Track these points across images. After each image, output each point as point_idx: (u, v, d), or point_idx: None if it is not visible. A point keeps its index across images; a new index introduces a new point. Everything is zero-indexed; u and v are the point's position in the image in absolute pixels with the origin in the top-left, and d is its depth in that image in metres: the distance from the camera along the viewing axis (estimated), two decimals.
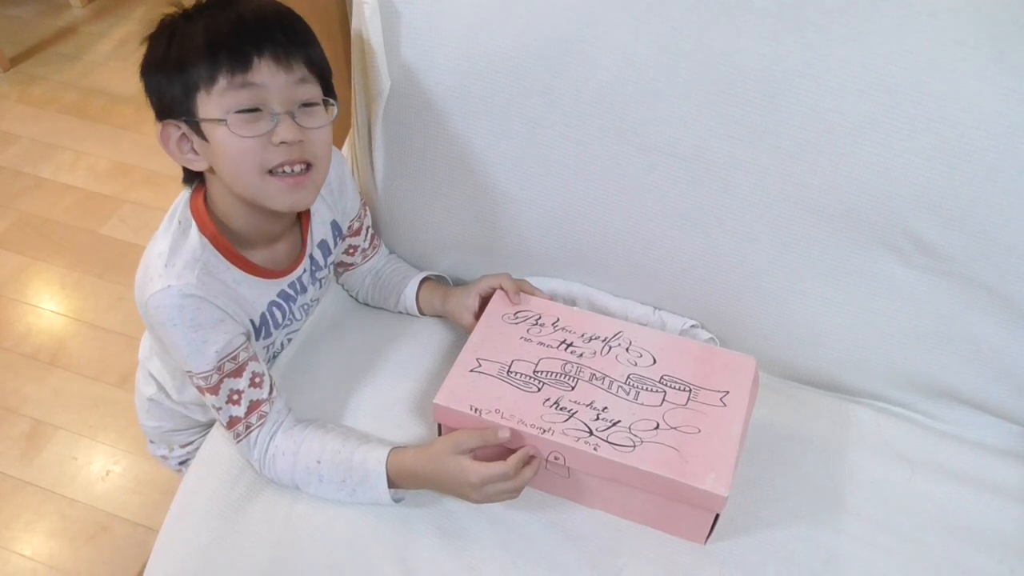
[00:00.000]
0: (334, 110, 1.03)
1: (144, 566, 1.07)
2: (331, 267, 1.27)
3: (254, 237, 1.09)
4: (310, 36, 1.01)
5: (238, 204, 1.04)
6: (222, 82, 0.93)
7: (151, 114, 1.00)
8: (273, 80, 0.95)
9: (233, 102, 0.94)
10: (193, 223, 1.03)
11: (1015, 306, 1.10)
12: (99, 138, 2.70)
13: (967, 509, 1.11)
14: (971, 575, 1.04)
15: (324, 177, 1.06)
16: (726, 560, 1.04)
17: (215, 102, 0.94)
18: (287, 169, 0.99)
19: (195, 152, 1.00)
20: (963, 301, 1.12)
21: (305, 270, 1.18)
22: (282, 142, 0.96)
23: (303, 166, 1.00)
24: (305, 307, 1.23)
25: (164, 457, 1.37)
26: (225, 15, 0.96)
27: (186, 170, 1.06)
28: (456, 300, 1.27)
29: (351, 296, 1.38)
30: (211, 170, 1.01)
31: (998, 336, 1.13)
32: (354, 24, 1.18)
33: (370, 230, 1.32)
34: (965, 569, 1.05)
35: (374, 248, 1.34)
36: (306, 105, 0.99)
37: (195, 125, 0.97)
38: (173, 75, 0.95)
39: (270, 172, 0.98)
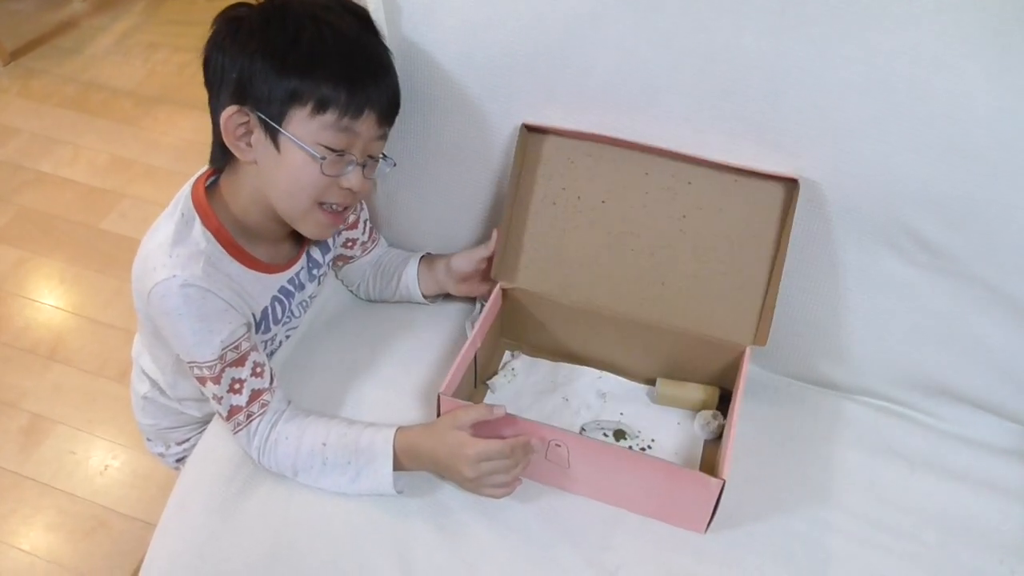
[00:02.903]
0: (384, 167, 1.10)
1: (142, 561, 1.07)
2: (329, 263, 1.27)
3: (262, 234, 1.10)
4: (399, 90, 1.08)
5: (261, 204, 1.05)
6: (329, 117, 0.96)
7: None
8: (367, 133, 1.01)
9: (328, 139, 0.98)
10: (197, 217, 1.03)
11: (1016, 305, 1.10)
12: (99, 132, 2.70)
13: (967, 508, 1.10)
14: (970, 575, 1.04)
15: None
16: (724, 558, 1.03)
17: (311, 129, 0.97)
18: (335, 206, 1.05)
19: (250, 145, 1.00)
20: (964, 300, 1.12)
21: (303, 267, 1.18)
22: (348, 188, 1.02)
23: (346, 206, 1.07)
24: (303, 304, 1.23)
25: (161, 455, 1.37)
26: (359, 46, 1.01)
27: (217, 150, 1.05)
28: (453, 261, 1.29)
29: (351, 291, 1.37)
30: (254, 162, 1.02)
31: (999, 335, 1.13)
32: None
33: (367, 223, 1.32)
34: (965, 569, 1.04)
35: (374, 241, 1.34)
36: (374, 158, 1.05)
37: (271, 128, 0.97)
38: (285, 76, 0.96)
39: (318, 203, 1.03)
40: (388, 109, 1.04)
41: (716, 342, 1.15)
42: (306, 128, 0.97)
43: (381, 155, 1.08)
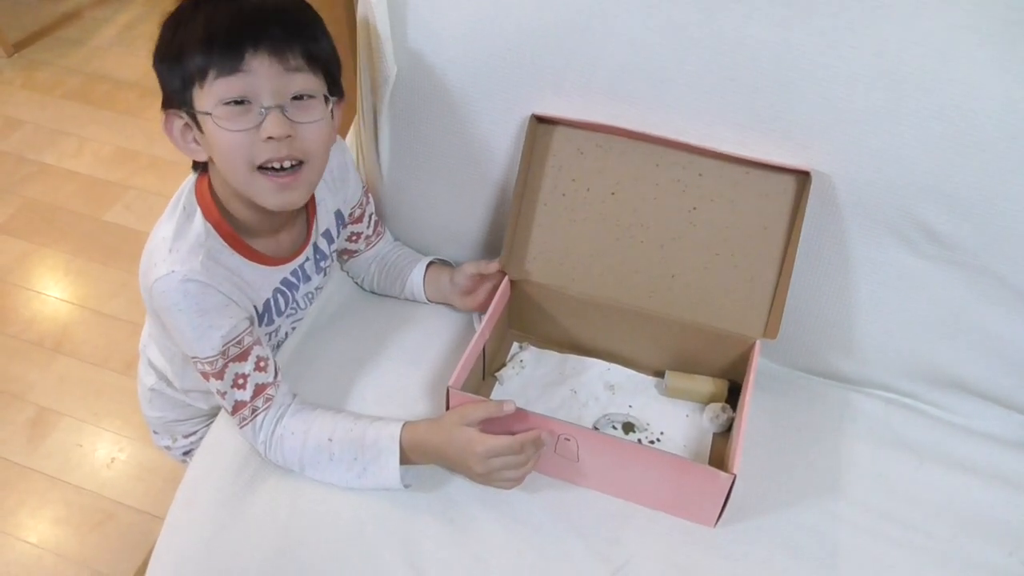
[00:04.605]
0: (330, 104, 1.01)
1: (149, 554, 1.07)
2: (334, 255, 1.26)
3: (257, 227, 1.09)
4: (315, 28, 0.99)
5: (237, 196, 1.04)
6: (212, 74, 0.93)
7: (155, 100, 1.00)
8: (264, 70, 0.93)
9: (221, 91, 0.93)
10: (198, 209, 1.03)
11: None
12: (103, 124, 2.70)
13: (976, 501, 1.10)
14: (980, 567, 1.04)
15: (318, 176, 1.04)
16: (733, 551, 1.03)
17: (207, 94, 0.94)
18: (275, 166, 0.97)
19: (197, 142, 1.00)
20: (973, 291, 1.11)
21: (308, 258, 1.18)
22: (269, 137, 0.94)
23: (293, 163, 0.98)
24: (309, 296, 1.23)
25: (168, 448, 1.36)
26: (226, 7, 0.94)
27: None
28: (456, 275, 1.28)
29: (356, 284, 1.37)
30: (209, 158, 1.01)
31: (1008, 326, 1.13)
32: (360, 10, 1.17)
33: (373, 217, 1.31)
34: (973, 561, 1.04)
35: (378, 235, 1.33)
36: (299, 98, 0.97)
37: (194, 117, 0.97)
38: (174, 66, 0.95)
39: (259, 169, 0.97)
40: (279, 39, 0.94)
41: (726, 335, 1.15)
42: (206, 99, 0.94)
43: (324, 95, 1.00)
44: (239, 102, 0.93)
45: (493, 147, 1.22)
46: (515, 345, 1.28)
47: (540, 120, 1.16)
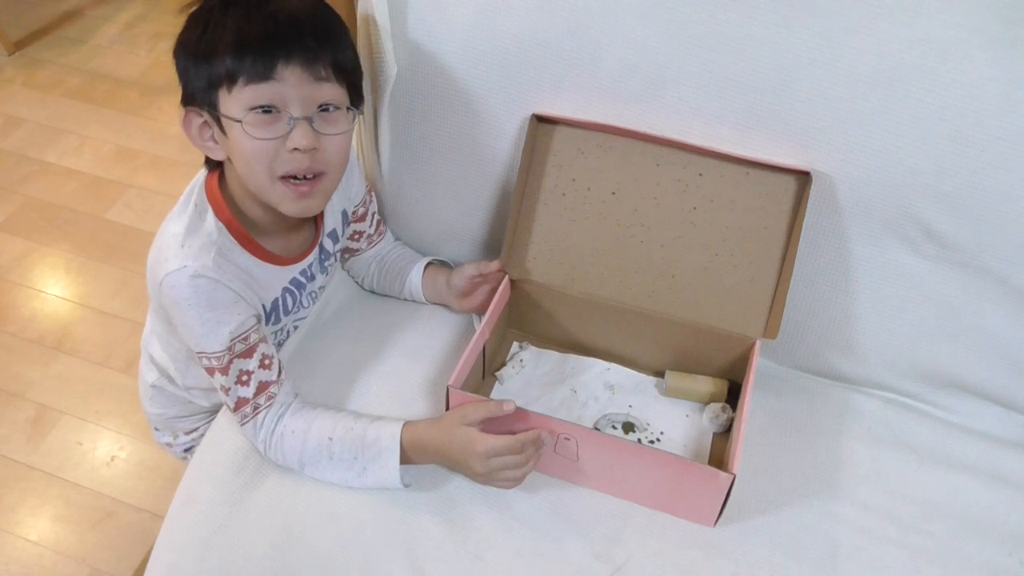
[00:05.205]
0: (354, 116, 1.03)
1: (149, 552, 1.07)
2: (337, 254, 1.26)
3: (270, 227, 1.09)
4: (342, 37, 1.00)
5: (253, 196, 1.04)
6: (241, 81, 0.93)
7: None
8: (295, 79, 0.94)
9: (251, 98, 0.94)
10: (209, 207, 1.04)
11: None
12: (104, 122, 2.69)
13: (976, 501, 1.10)
14: (980, 568, 1.04)
15: (335, 185, 1.05)
16: (732, 551, 1.03)
17: (235, 99, 0.94)
18: (297, 177, 0.99)
19: (215, 141, 1.00)
20: (973, 291, 1.11)
21: (315, 258, 1.18)
22: (295, 148, 0.96)
23: (313, 173, 1.00)
24: (313, 295, 1.23)
25: (169, 445, 1.37)
26: (259, 12, 0.95)
27: (206, 156, 1.06)
28: (454, 277, 1.27)
29: (357, 283, 1.37)
30: (229, 160, 1.01)
31: (1008, 327, 1.13)
32: (361, 9, 1.17)
33: (375, 216, 1.31)
34: (973, 561, 1.04)
35: (380, 234, 1.33)
36: (325, 109, 0.98)
37: (216, 117, 0.97)
38: (200, 65, 0.95)
39: (280, 177, 0.98)
40: (312, 51, 0.95)
41: (726, 335, 1.15)
42: (232, 102, 0.95)
43: (347, 107, 1.01)
44: (267, 110, 0.94)
45: (493, 146, 1.22)
46: (515, 344, 1.28)
47: (540, 120, 1.16)
